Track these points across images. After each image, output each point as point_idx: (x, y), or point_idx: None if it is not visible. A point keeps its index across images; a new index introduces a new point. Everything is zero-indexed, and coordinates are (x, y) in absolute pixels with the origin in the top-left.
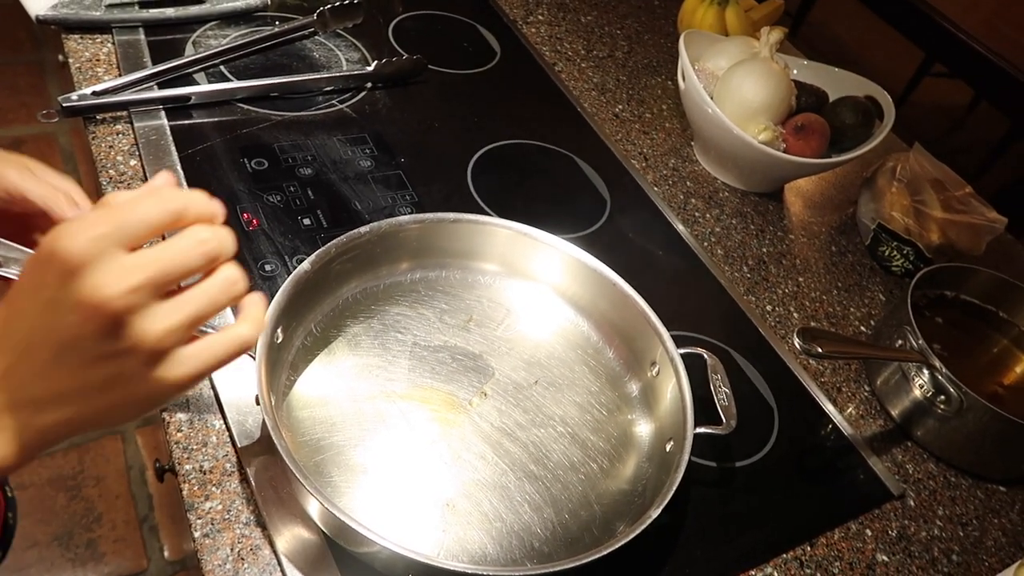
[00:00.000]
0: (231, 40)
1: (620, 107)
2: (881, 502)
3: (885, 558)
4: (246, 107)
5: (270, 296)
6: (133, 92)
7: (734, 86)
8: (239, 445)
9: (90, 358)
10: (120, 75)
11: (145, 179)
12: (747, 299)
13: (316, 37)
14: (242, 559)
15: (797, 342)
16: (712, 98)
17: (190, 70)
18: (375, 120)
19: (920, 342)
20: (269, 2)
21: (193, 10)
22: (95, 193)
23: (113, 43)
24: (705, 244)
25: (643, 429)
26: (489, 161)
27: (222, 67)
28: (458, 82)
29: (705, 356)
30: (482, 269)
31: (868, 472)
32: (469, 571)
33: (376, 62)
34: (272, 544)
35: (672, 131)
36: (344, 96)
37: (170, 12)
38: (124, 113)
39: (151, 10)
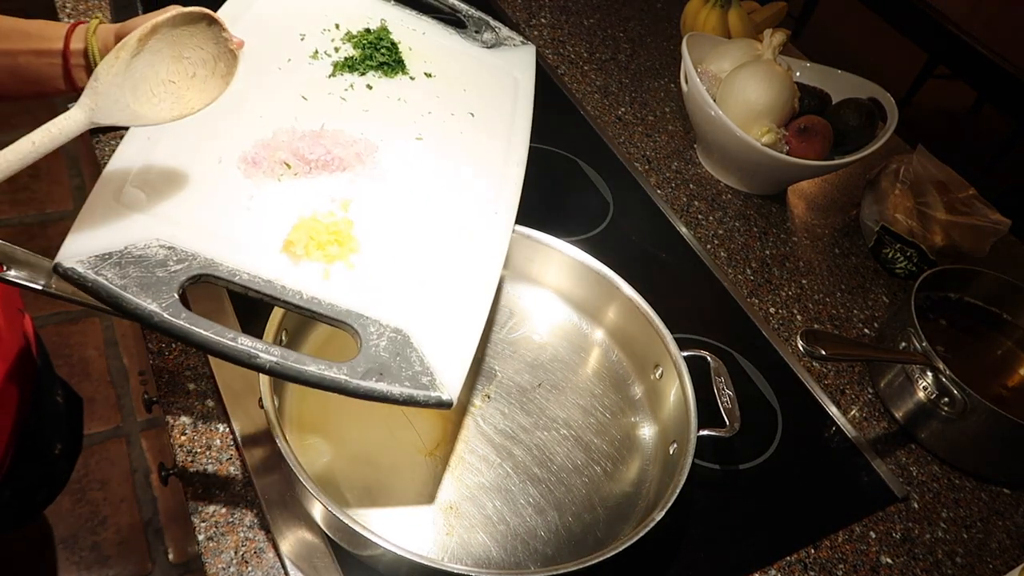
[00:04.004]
0: None
1: (623, 110)
2: (885, 504)
3: (889, 560)
4: None
5: None
6: None
7: (737, 88)
8: (243, 449)
9: None
10: None
11: None
12: (750, 301)
13: None
14: (246, 562)
15: (800, 344)
16: (715, 100)
17: None
18: None
19: (924, 344)
20: None
21: None
22: None
23: None
24: (708, 247)
25: (646, 432)
26: None
27: None
28: None
29: (708, 359)
30: None
31: (872, 474)
32: (473, 574)
33: None
34: (276, 547)
35: (675, 134)
36: None
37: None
38: None
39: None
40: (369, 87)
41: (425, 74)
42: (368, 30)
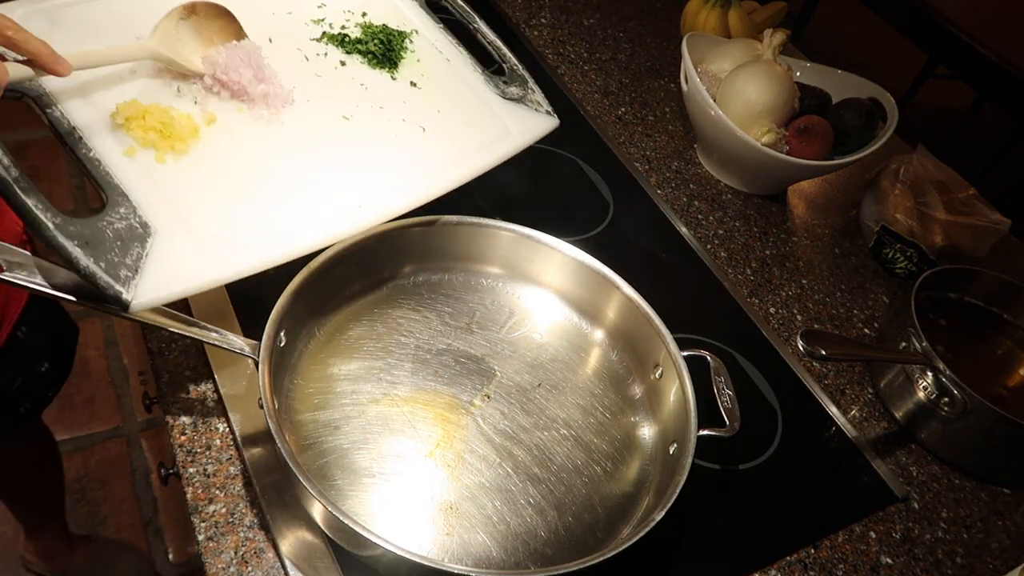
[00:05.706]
0: None
1: (623, 110)
2: (885, 504)
3: (889, 560)
4: None
5: (274, 300)
6: None
7: (737, 88)
8: (243, 449)
9: None
10: None
11: None
12: (750, 301)
13: None
14: (246, 562)
15: (801, 344)
16: (715, 100)
17: None
18: None
19: (924, 344)
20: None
21: None
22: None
23: None
24: (708, 246)
25: (646, 432)
26: None
27: None
28: None
29: (708, 358)
30: (485, 272)
31: (872, 474)
32: (473, 574)
33: None
34: (276, 547)
35: (675, 134)
36: None
37: None
38: None
39: None
40: (343, 63)
41: (411, 83)
42: (387, 26)
